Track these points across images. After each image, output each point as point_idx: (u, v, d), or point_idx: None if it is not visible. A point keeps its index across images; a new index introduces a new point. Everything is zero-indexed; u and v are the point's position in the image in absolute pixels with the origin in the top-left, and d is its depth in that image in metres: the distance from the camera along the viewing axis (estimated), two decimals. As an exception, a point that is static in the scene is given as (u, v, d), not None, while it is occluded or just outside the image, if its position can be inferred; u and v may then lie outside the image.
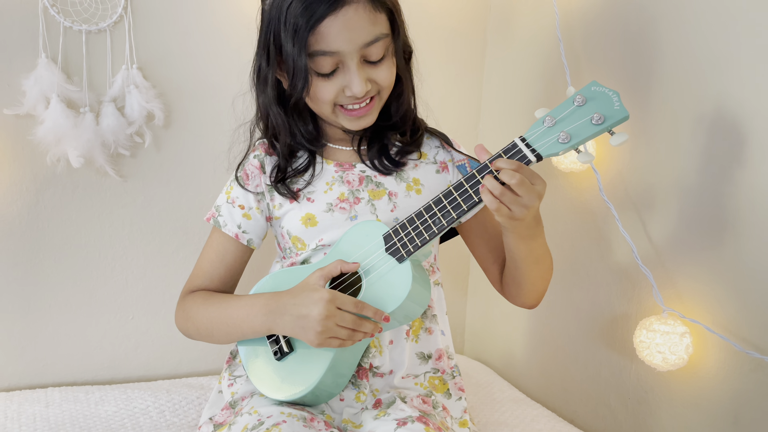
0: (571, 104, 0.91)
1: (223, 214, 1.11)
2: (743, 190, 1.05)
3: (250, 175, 1.10)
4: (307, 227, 1.06)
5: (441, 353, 1.10)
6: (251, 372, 1.06)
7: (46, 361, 1.40)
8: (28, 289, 1.37)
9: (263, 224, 1.11)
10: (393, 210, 1.06)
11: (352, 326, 0.94)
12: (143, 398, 1.33)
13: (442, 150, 1.13)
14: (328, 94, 1.00)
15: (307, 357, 1.01)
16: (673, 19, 1.15)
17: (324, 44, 0.95)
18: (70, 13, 1.30)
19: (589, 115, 0.89)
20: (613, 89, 0.90)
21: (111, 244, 1.41)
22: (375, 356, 1.04)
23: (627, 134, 0.89)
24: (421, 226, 0.95)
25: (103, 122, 1.32)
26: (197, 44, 1.40)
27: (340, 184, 1.07)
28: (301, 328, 0.95)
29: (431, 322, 1.09)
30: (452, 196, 0.94)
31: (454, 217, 0.94)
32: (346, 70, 0.98)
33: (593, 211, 1.33)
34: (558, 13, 1.36)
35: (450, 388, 1.10)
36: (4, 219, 1.33)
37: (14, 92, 1.29)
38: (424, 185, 1.09)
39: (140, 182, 1.41)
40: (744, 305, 1.06)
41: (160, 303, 1.46)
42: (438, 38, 1.60)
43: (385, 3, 0.99)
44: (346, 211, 1.06)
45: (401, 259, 0.97)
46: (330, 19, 0.94)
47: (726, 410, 1.10)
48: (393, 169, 1.08)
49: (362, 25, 0.96)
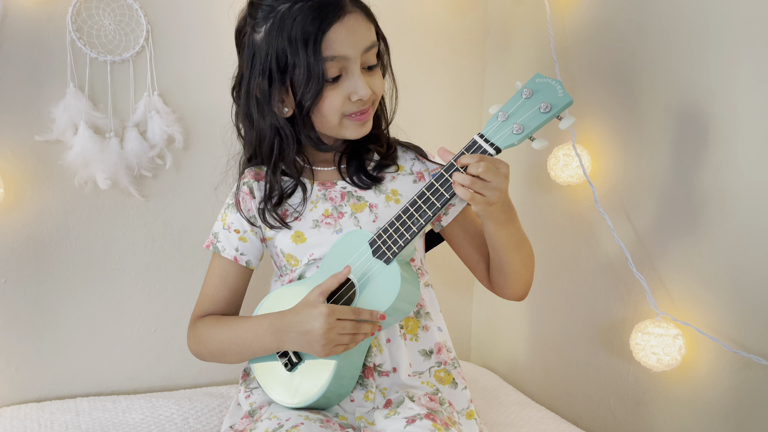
0: (519, 98, 0.99)
1: (221, 240, 1.19)
2: (725, 203, 1.13)
3: (241, 201, 1.19)
4: (297, 244, 1.14)
5: (440, 346, 1.17)
6: (265, 384, 1.14)
7: (75, 373, 1.48)
8: (57, 304, 1.45)
9: (259, 245, 1.20)
10: (375, 221, 1.14)
11: (352, 332, 1.02)
12: (167, 406, 1.40)
13: (417, 161, 1.21)
14: (336, 103, 1.08)
15: (315, 364, 1.09)
16: (660, 42, 1.23)
17: (332, 50, 1.05)
18: (95, 45, 1.39)
19: (537, 105, 0.98)
20: (555, 78, 0.98)
21: (134, 261, 1.49)
22: (376, 355, 1.12)
23: (574, 117, 0.98)
24: (402, 227, 1.04)
25: (127, 146, 1.41)
26: (213, 71, 1.48)
27: (323, 202, 1.16)
28: (306, 343, 1.04)
29: (426, 320, 1.16)
30: (425, 196, 1.02)
31: (431, 215, 1.02)
32: (350, 75, 1.07)
33: (590, 221, 1.41)
34: (553, 34, 1.45)
35: (455, 377, 1.17)
36: (35, 239, 1.41)
37: (45, 120, 1.38)
38: (402, 195, 1.17)
39: (161, 201, 1.49)
40: (731, 308, 1.14)
41: (180, 316, 1.54)
42: (442, 58, 1.68)
43: (372, 15, 1.11)
44: (331, 226, 1.14)
45: (388, 261, 1.05)
46: (337, 26, 1.04)
47: (718, 407, 1.17)
48: (371, 184, 1.17)
49: (362, 31, 1.07)
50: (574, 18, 1.43)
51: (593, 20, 1.38)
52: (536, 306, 1.58)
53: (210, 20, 1.47)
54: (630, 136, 1.30)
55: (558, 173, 1.39)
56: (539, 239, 1.52)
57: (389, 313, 1.05)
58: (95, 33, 1.39)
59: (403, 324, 1.15)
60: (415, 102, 1.21)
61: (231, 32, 1.47)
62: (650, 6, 1.24)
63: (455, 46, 1.69)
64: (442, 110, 1.70)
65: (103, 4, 1.38)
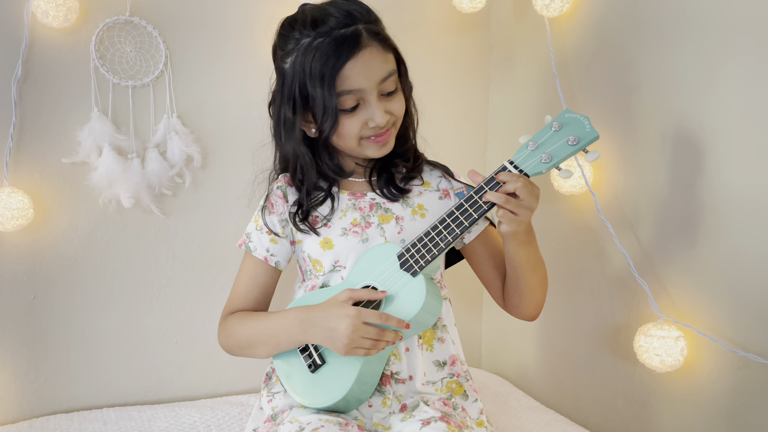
0: (549, 130, 1.07)
1: (253, 240, 1.25)
2: (722, 209, 1.18)
3: (274, 204, 1.25)
4: (325, 250, 1.20)
5: (454, 359, 1.22)
6: (288, 384, 1.18)
7: (101, 384, 1.54)
8: (83, 318, 1.51)
9: (288, 247, 1.25)
10: (400, 232, 1.20)
11: (375, 337, 1.07)
12: (190, 415, 1.46)
13: (444, 180, 1.27)
14: (354, 129, 1.14)
15: (338, 368, 1.14)
16: (656, 55, 1.29)
17: (348, 84, 1.11)
18: (117, 71, 1.46)
19: (566, 137, 1.05)
20: (583, 114, 1.06)
21: (156, 276, 1.55)
22: (394, 363, 1.17)
23: (599, 152, 1.04)
24: (430, 243, 1.10)
25: (149, 166, 1.48)
26: (229, 94, 1.56)
27: (353, 211, 1.22)
28: (329, 339, 1.09)
29: (442, 332, 1.22)
30: (454, 215, 1.09)
31: (458, 233, 1.08)
32: (367, 105, 1.13)
33: (593, 229, 1.46)
34: (553, 51, 1.51)
35: (466, 389, 1.22)
36: (62, 257, 1.48)
37: (71, 143, 1.45)
38: (428, 210, 1.23)
39: (181, 219, 1.56)
40: (730, 310, 1.18)
41: (200, 328, 1.60)
42: (447, 76, 1.74)
43: (391, 45, 1.16)
44: (358, 235, 1.20)
45: (415, 274, 1.10)
46: (351, 62, 1.10)
47: (720, 406, 1.21)
48: (399, 196, 1.23)
49: (377, 64, 1.12)
50: (572, 35, 1.49)
51: (591, 36, 1.44)
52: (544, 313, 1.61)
53: (225, 45, 1.54)
54: (629, 146, 1.35)
55: (561, 183, 1.45)
56: (544, 249, 1.55)
57: (412, 324, 1.10)
58: (117, 59, 1.46)
59: (421, 334, 1.19)
60: (422, 120, 1.27)
61: (245, 57, 1.56)
62: (646, 20, 1.30)
63: (460, 64, 1.76)
64: (449, 128, 1.76)
65: (124, 32, 1.46)
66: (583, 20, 1.46)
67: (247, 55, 1.56)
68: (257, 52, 1.55)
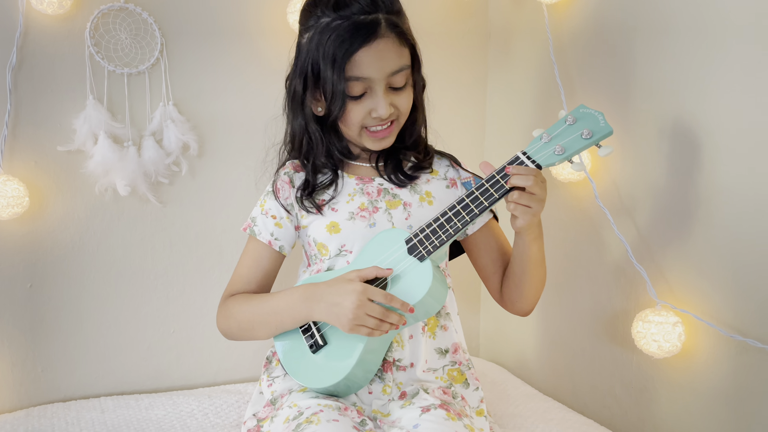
0: (563, 123, 1.08)
1: (258, 224, 1.25)
2: (719, 196, 1.18)
3: (281, 189, 1.24)
4: (331, 234, 1.20)
5: (457, 347, 1.22)
6: (288, 365, 1.18)
7: (99, 373, 1.54)
8: (80, 307, 1.51)
9: (293, 232, 1.25)
10: (407, 218, 1.20)
11: (380, 317, 1.06)
12: (188, 403, 1.46)
13: (451, 169, 1.27)
14: (357, 116, 1.15)
15: (339, 350, 1.13)
16: (654, 42, 1.28)
17: (358, 71, 1.11)
18: (113, 59, 1.46)
19: (580, 131, 1.06)
20: (598, 110, 1.06)
21: (153, 265, 1.55)
22: (397, 350, 1.17)
23: (612, 147, 1.03)
24: (439, 229, 1.10)
25: (145, 154, 1.47)
26: (225, 82, 1.55)
27: (360, 195, 1.21)
28: (334, 315, 1.08)
29: (445, 320, 1.21)
30: (464, 202, 1.09)
31: (468, 221, 1.09)
32: (373, 94, 1.13)
33: (591, 216, 1.46)
34: (551, 37, 1.50)
35: (468, 378, 1.22)
36: (59, 244, 1.47)
37: (66, 131, 1.44)
38: (435, 197, 1.23)
39: (178, 207, 1.55)
40: (727, 295, 1.18)
41: (198, 317, 1.60)
42: (444, 62, 1.74)
43: (409, 39, 1.16)
44: (366, 219, 1.20)
45: (422, 259, 1.10)
46: (364, 50, 1.10)
47: (718, 391, 1.21)
48: (407, 182, 1.22)
49: (391, 56, 1.12)
50: (571, 21, 1.48)
51: (589, 23, 1.43)
52: (542, 301, 1.63)
53: (221, 33, 1.53)
54: (628, 134, 1.35)
55: (559, 171, 1.45)
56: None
57: (417, 308, 1.09)
58: (112, 47, 1.45)
59: (425, 321, 1.19)
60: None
61: (241, 44, 1.55)
62: (644, 8, 1.30)
63: (457, 51, 1.75)
64: (446, 114, 1.75)
65: (119, 19, 1.45)
66: (581, 6, 1.45)
67: (244, 43, 1.55)
68: (253, 39, 1.54)
